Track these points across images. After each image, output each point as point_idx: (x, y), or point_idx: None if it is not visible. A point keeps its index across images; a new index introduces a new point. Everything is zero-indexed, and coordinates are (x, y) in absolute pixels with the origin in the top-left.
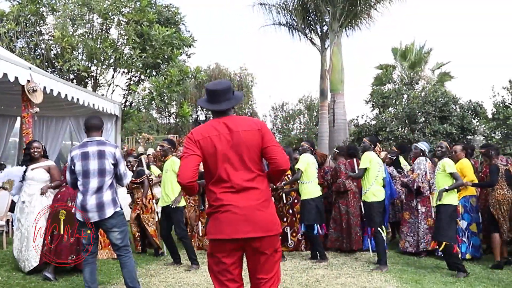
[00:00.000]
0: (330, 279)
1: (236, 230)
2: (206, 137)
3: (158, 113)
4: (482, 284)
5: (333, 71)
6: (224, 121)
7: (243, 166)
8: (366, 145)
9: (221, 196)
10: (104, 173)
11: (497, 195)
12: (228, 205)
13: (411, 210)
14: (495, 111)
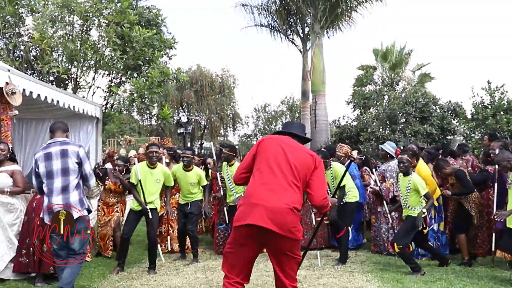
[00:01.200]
0: (312, 279)
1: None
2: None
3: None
4: (462, 282)
5: (314, 72)
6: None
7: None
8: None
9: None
10: (68, 172)
11: (474, 199)
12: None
13: (377, 215)
14: (474, 112)
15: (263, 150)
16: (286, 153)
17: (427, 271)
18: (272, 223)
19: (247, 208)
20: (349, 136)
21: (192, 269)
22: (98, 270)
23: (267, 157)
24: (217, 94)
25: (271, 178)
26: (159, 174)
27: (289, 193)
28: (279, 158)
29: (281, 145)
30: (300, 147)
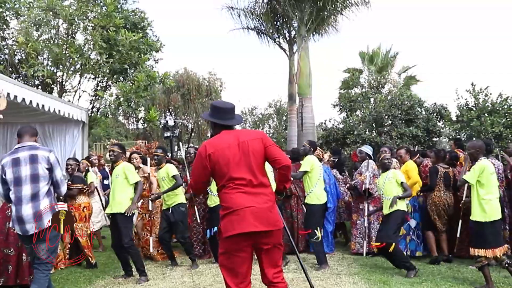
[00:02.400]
0: (299, 282)
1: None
2: (219, 150)
3: (126, 118)
4: (448, 283)
5: (301, 76)
6: (234, 134)
7: (250, 172)
8: (306, 148)
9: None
10: (38, 179)
11: (434, 197)
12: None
13: (359, 213)
14: (459, 114)
15: (218, 162)
16: (244, 151)
17: None
18: (262, 225)
19: (234, 217)
20: (336, 139)
21: (179, 273)
22: (84, 275)
23: (229, 167)
24: (204, 98)
25: (246, 183)
26: (119, 170)
27: (263, 191)
28: (238, 162)
29: (232, 148)
30: (249, 135)
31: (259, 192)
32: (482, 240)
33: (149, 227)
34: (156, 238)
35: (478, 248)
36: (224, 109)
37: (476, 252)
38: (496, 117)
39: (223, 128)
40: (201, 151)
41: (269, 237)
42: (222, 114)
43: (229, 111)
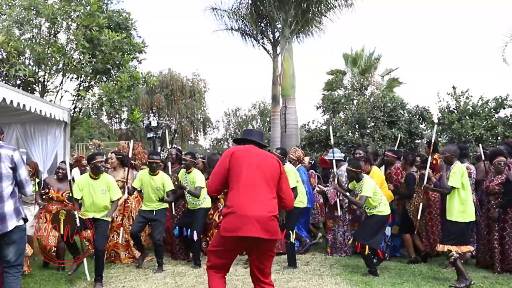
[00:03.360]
0: (281, 283)
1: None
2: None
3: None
4: (429, 284)
5: (284, 77)
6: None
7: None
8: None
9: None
10: (1, 179)
11: (416, 203)
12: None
13: (335, 220)
14: (441, 116)
15: (237, 162)
16: (259, 163)
17: (395, 273)
18: (261, 231)
19: (236, 219)
20: (319, 140)
21: (162, 274)
22: (65, 276)
23: (243, 169)
24: (187, 98)
25: (252, 189)
26: (103, 184)
27: (269, 202)
28: (254, 168)
29: (252, 155)
30: (267, 154)
31: (265, 201)
32: (457, 238)
33: (118, 230)
34: (124, 242)
35: (448, 244)
36: (253, 131)
37: (445, 248)
38: (476, 119)
39: (248, 142)
40: (227, 151)
41: (266, 244)
42: (251, 134)
43: (257, 133)
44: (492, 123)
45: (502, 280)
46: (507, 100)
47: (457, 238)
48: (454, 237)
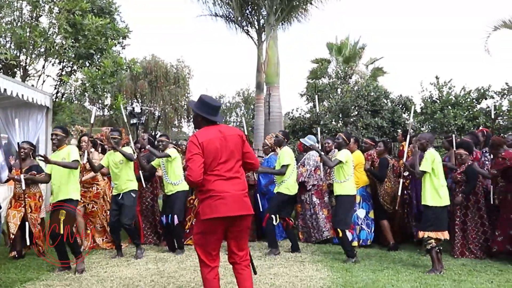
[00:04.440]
0: (263, 269)
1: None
2: (207, 140)
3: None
4: (408, 270)
5: (269, 64)
6: (218, 128)
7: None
8: (280, 139)
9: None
10: None
11: (386, 187)
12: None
13: (302, 203)
14: (424, 106)
15: (207, 149)
16: (226, 144)
17: (375, 260)
18: (239, 209)
19: (216, 201)
20: (302, 128)
21: (144, 260)
22: (46, 262)
23: (215, 154)
24: (171, 85)
25: (226, 171)
26: (64, 153)
27: (240, 180)
28: (224, 150)
29: (219, 138)
30: (230, 130)
31: (236, 180)
32: (434, 223)
33: (92, 217)
34: (100, 228)
35: (429, 231)
36: (213, 106)
37: (426, 234)
38: (459, 110)
39: (209, 123)
40: (194, 140)
41: (243, 221)
42: (211, 110)
43: (217, 109)
44: (474, 113)
45: (480, 268)
46: (489, 91)
47: (435, 223)
48: (431, 223)
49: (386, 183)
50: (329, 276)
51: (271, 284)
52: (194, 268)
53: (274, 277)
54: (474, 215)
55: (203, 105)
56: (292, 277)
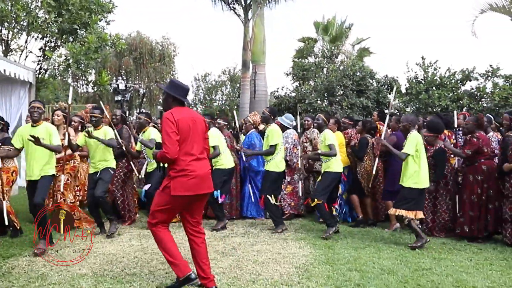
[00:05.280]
0: (246, 246)
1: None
2: (181, 119)
3: (75, 81)
4: (390, 248)
5: (255, 42)
6: (188, 110)
7: (199, 143)
8: (266, 116)
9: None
10: None
11: (366, 165)
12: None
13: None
14: (409, 86)
15: (181, 127)
16: (196, 125)
17: (357, 238)
18: (208, 188)
19: (190, 179)
20: (287, 107)
21: (127, 236)
22: (29, 238)
23: (187, 134)
24: (157, 62)
25: (196, 150)
26: (43, 132)
27: (207, 161)
28: (194, 131)
29: (189, 119)
30: (197, 114)
31: (204, 161)
32: (410, 203)
33: (64, 190)
34: (70, 203)
35: (401, 209)
36: (184, 89)
37: (397, 212)
38: (443, 91)
39: (178, 104)
40: (170, 117)
41: (205, 197)
42: (181, 92)
43: (187, 91)
44: (458, 95)
45: (460, 246)
46: (473, 73)
47: (409, 203)
48: (406, 202)
49: (366, 161)
50: (311, 253)
51: (254, 261)
52: (177, 244)
53: (257, 254)
54: (445, 197)
55: (175, 87)
56: (275, 254)
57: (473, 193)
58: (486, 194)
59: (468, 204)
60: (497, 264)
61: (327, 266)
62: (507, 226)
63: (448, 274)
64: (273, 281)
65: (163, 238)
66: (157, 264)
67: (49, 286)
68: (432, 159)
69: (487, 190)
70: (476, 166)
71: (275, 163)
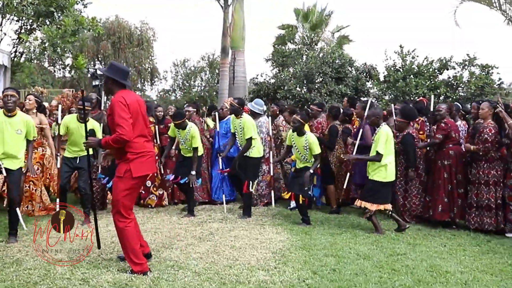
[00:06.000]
0: (224, 232)
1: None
2: (131, 103)
3: (52, 65)
4: (366, 234)
5: (234, 28)
6: (132, 93)
7: (146, 125)
8: (234, 108)
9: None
10: None
11: (338, 154)
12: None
13: None
14: (387, 74)
15: (133, 108)
16: (141, 109)
17: (334, 224)
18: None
19: (147, 160)
20: (266, 94)
21: (104, 222)
22: (5, 223)
23: (138, 115)
24: (135, 47)
25: (146, 132)
26: (19, 123)
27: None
28: (141, 114)
29: (137, 101)
30: (140, 97)
31: (151, 142)
32: (374, 196)
33: (36, 180)
34: (40, 193)
35: (366, 201)
36: (124, 71)
37: (363, 204)
38: (421, 79)
39: (119, 87)
40: (122, 101)
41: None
42: (124, 76)
43: (127, 74)
44: (435, 83)
45: (434, 232)
46: (450, 62)
47: (374, 196)
48: (371, 194)
49: (337, 150)
50: (288, 239)
51: (232, 246)
52: (154, 230)
53: (234, 239)
54: (415, 182)
55: (115, 70)
56: (252, 239)
57: (441, 178)
58: (456, 179)
59: (437, 189)
60: (470, 250)
61: (304, 252)
62: (471, 211)
63: (422, 259)
64: (250, 266)
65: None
66: None
67: (24, 271)
68: (400, 145)
69: (455, 174)
70: (444, 151)
71: (258, 149)
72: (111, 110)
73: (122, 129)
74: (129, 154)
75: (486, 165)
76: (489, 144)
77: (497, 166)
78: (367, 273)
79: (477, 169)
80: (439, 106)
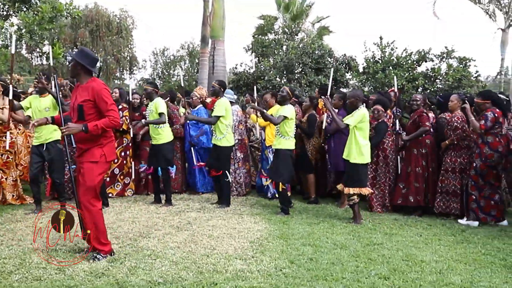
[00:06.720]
0: (201, 221)
1: None
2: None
3: (29, 53)
4: (343, 224)
5: (214, 17)
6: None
7: None
8: (216, 89)
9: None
10: None
11: (314, 143)
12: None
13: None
14: (366, 65)
15: None
16: None
17: (312, 214)
18: None
19: (113, 143)
20: (246, 84)
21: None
22: None
23: None
24: (114, 35)
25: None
26: None
27: None
28: None
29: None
30: None
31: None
32: (357, 180)
33: (6, 168)
34: (13, 181)
35: (352, 187)
36: (94, 58)
37: (351, 191)
38: (400, 70)
39: (85, 73)
40: (106, 88)
41: None
42: (93, 63)
43: (96, 62)
44: (414, 75)
45: (411, 222)
46: (429, 54)
47: (358, 180)
48: (355, 179)
49: (314, 138)
50: (266, 228)
51: (209, 236)
52: (132, 219)
53: (212, 228)
54: (384, 169)
55: (85, 56)
56: (230, 229)
57: (418, 165)
58: (431, 167)
59: (414, 176)
60: (445, 240)
61: (281, 241)
62: (437, 196)
63: (398, 249)
64: (227, 255)
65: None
66: (111, 238)
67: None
68: (373, 130)
69: (431, 163)
70: (420, 140)
71: (227, 138)
72: (95, 96)
73: (116, 113)
74: (103, 139)
75: (453, 153)
76: (459, 130)
77: (463, 154)
78: (343, 262)
79: (444, 157)
80: (415, 96)
